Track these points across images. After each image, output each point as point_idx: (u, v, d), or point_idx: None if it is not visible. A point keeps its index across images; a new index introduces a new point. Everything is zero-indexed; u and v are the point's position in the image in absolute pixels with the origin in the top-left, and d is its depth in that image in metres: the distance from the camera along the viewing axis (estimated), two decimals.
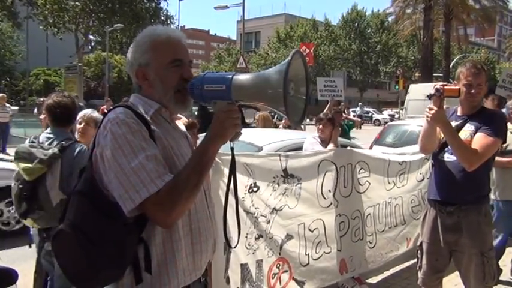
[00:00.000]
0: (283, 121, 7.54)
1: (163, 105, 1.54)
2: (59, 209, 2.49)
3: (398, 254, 4.19)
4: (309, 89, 1.45)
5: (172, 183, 1.37)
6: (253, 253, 3.01)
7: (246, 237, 2.95)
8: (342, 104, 8.62)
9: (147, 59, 1.53)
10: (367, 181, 3.83)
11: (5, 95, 12.65)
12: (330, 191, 3.49)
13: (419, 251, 3.00)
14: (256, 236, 3.02)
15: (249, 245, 2.97)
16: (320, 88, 8.01)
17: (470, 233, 2.73)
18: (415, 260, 3.08)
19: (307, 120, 16.25)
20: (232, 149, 1.56)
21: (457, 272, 2.92)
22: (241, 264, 2.93)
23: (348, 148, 3.92)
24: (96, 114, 3.38)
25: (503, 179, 4.12)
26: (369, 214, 3.88)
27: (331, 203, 3.50)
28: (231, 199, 1.66)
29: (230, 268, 2.85)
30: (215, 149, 1.44)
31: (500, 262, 4.10)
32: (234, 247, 1.72)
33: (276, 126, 7.70)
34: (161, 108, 1.54)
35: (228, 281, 2.84)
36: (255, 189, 2.99)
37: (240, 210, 2.88)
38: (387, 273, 4.48)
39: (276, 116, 9.49)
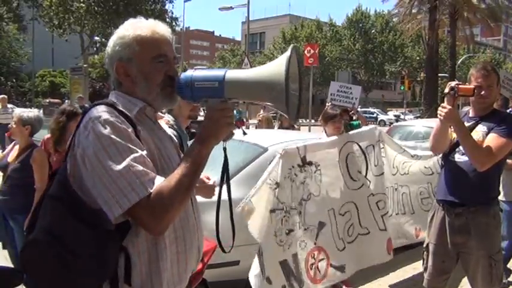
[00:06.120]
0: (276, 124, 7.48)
1: (147, 103, 1.43)
2: None
3: (406, 242, 4.17)
4: (301, 85, 1.38)
5: (163, 187, 1.26)
6: (288, 248, 3.02)
7: (275, 235, 2.96)
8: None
9: (129, 53, 1.40)
10: (383, 161, 3.82)
11: (5, 96, 12.67)
12: (359, 171, 3.45)
13: (425, 252, 2.97)
14: (287, 231, 3.03)
15: (280, 241, 2.98)
16: (332, 92, 7.88)
17: (478, 235, 2.71)
18: (421, 261, 3.06)
19: (313, 120, 16.23)
20: (225, 149, 1.44)
21: (463, 273, 2.90)
22: (280, 262, 2.94)
23: (374, 126, 3.88)
24: (25, 114, 3.79)
25: (509, 180, 4.11)
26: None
27: (363, 184, 3.47)
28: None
29: (270, 268, 2.86)
30: (208, 150, 1.35)
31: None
32: (228, 251, 1.59)
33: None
34: (146, 106, 1.43)
35: (269, 281, 2.85)
36: (274, 186, 2.99)
37: (265, 211, 2.92)
38: (392, 274, 4.46)
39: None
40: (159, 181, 1.28)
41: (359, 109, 8.18)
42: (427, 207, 4.25)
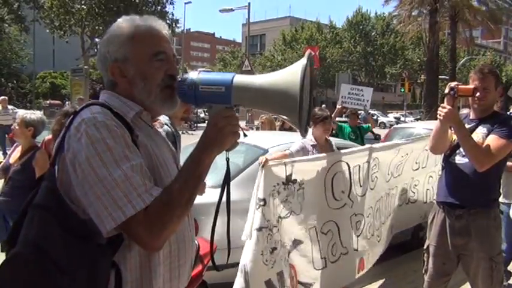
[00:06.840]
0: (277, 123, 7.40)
1: (145, 107, 1.32)
2: None
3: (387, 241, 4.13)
4: (312, 95, 1.30)
5: (162, 199, 1.15)
6: (272, 267, 2.98)
7: (262, 254, 2.90)
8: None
9: (124, 52, 1.29)
10: (376, 176, 3.76)
11: (6, 98, 12.66)
12: (343, 191, 3.41)
13: (425, 254, 2.97)
14: (271, 250, 2.98)
15: (266, 260, 2.93)
16: (343, 95, 7.83)
17: (479, 237, 2.71)
18: (421, 263, 3.06)
19: None
20: (227, 160, 1.33)
21: (463, 276, 2.90)
22: (265, 282, 2.90)
23: (368, 146, 3.81)
24: (29, 116, 3.81)
25: (508, 182, 4.11)
26: (378, 209, 3.81)
27: (345, 204, 3.43)
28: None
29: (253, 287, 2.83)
30: (211, 159, 1.23)
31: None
32: (221, 270, 1.53)
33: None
34: (142, 111, 1.31)
35: None
36: (261, 203, 2.94)
37: (252, 229, 2.87)
38: (392, 276, 4.46)
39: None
40: (157, 193, 1.17)
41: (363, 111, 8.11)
42: (400, 201, 4.19)
